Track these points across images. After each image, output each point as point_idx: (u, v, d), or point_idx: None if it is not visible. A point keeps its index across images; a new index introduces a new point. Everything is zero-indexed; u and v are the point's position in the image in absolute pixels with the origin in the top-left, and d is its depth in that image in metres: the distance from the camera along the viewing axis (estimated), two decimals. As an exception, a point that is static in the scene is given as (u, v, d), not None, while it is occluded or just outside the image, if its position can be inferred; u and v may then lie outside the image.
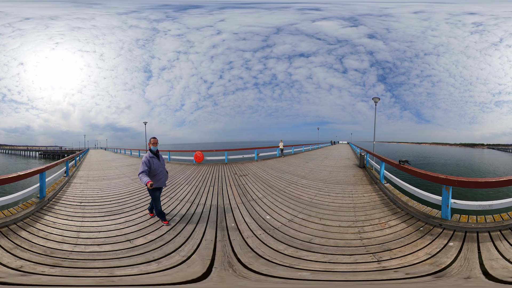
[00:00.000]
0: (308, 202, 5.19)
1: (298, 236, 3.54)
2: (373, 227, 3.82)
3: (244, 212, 4.59)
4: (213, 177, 8.57)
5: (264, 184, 7.09)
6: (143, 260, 2.85)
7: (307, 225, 3.95)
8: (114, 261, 2.83)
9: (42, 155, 58.24)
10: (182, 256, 2.94)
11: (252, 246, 3.20)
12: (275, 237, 3.50)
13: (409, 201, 4.72)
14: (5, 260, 2.75)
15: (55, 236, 3.51)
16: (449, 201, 3.70)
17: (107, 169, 12.25)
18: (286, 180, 7.76)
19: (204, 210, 4.75)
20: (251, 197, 5.65)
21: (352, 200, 5.27)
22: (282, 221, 4.14)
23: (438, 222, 3.64)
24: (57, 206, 5.05)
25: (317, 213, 4.47)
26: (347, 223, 4.00)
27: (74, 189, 6.90)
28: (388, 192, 5.57)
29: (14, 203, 4.65)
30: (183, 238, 3.47)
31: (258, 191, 6.27)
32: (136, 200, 5.52)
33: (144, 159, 4.05)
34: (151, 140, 4.26)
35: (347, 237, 3.49)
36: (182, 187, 6.97)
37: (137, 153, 23.39)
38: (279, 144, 17.86)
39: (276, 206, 4.95)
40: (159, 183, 4.13)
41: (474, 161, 37.20)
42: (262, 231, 3.71)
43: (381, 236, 3.46)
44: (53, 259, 2.84)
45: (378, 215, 4.32)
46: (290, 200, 5.34)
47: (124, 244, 3.27)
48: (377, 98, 13.92)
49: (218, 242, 3.35)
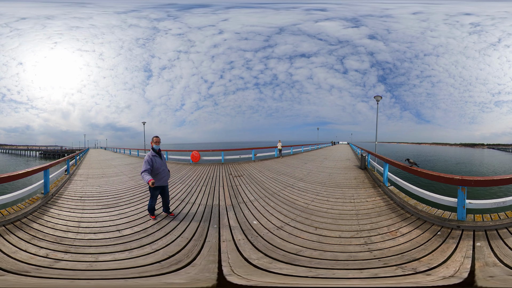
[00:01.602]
0: (303, 208, 5.02)
1: (284, 246, 3.36)
2: (382, 236, 3.60)
3: (231, 214, 4.62)
4: (207, 177, 8.95)
5: (258, 186, 7.11)
6: (122, 248, 3.32)
7: (298, 234, 3.75)
8: (103, 248, 3.34)
9: (42, 154, 59.70)
10: (152, 249, 3.28)
11: (222, 251, 3.20)
12: (255, 244, 3.39)
13: (418, 205, 4.61)
14: (32, 250, 3.21)
15: (61, 226, 4.13)
16: (465, 202, 3.74)
17: (106, 168, 13.03)
18: (282, 182, 7.74)
19: (191, 209, 4.99)
20: (242, 199, 5.67)
21: (354, 206, 5.06)
22: (269, 227, 4.02)
23: (456, 224, 3.65)
24: (60, 200, 5.75)
25: (312, 221, 4.25)
26: (349, 233, 3.77)
27: (75, 186, 7.62)
28: (393, 196, 5.39)
29: (21, 199, 5.27)
30: (163, 233, 3.81)
31: (251, 193, 6.29)
32: (130, 196, 6.16)
33: (146, 158, 4.20)
34: (154, 139, 4.40)
35: (350, 249, 3.26)
36: (176, 185, 7.49)
37: (136, 152, 24.16)
38: (277, 145, 18.00)
39: (266, 211, 4.87)
40: (161, 181, 4.30)
41: (474, 161, 38.16)
42: (243, 237, 3.65)
43: (396, 246, 3.28)
44: (64, 246, 3.39)
45: (385, 222, 4.13)
46: (283, 205, 5.21)
47: (114, 234, 3.82)
48: (379, 97, 13.95)
49: (193, 241, 3.51)
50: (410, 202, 4.81)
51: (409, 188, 5.38)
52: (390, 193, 5.67)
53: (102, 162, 17.08)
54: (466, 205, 3.78)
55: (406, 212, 4.49)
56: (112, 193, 6.65)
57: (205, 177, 8.88)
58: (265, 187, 6.99)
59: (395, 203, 5.08)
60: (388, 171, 6.64)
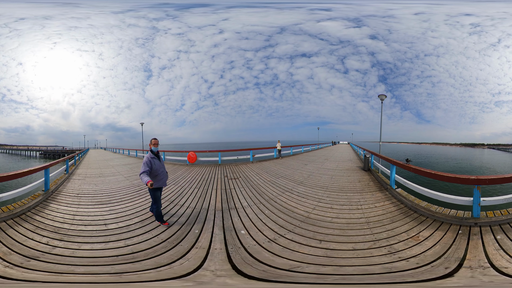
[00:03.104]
0: (303, 217, 4.66)
1: (273, 261, 3.02)
2: (405, 243, 3.50)
3: (218, 220, 4.51)
4: (202, 178, 9.03)
5: (254, 190, 6.90)
6: (102, 240, 3.73)
7: (296, 248, 3.41)
8: (87, 238, 3.82)
9: (42, 154, 61.12)
10: (125, 244, 3.59)
11: (187, 258, 3.12)
12: (232, 256, 3.16)
13: (431, 207, 4.66)
14: (37, 238, 3.77)
15: (59, 218, 4.72)
16: (480, 200, 4.01)
17: (104, 168, 13.72)
18: (280, 186, 7.47)
19: (178, 211, 5.09)
20: (233, 205, 5.50)
21: (363, 213, 4.83)
22: (259, 239, 3.70)
23: (473, 221, 3.91)
24: (59, 196, 6.37)
25: (315, 233, 3.92)
26: (365, 244, 3.51)
27: (73, 184, 8.26)
28: (404, 199, 5.34)
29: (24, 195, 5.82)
30: (143, 231, 4.05)
31: (245, 198, 6.10)
32: (122, 195, 6.71)
33: (145, 160, 4.34)
34: (152, 141, 4.53)
35: (375, 260, 3.03)
36: (169, 187, 7.63)
37: (134, 153, 24.83)
38: (276, 145, 18.05)
39: (259, 219, 4.59)
40: (159, 183, 4.43)
41: (475, 161, 39.25)
42: (221, 246, 3.46)
43: (428, 250, 3.25)
44: (59, 235, 3.96)
45: (402, 228, 4.05)
46: (280, 214, 4.89)
47: (101, 227, 4.28)
48: (383, 95, 13.24)
49: (165, 242, 3.61)
50: (421, 205, 4.83)
51: (419, 190, 5.31)
52: (399, 196, 5.58)
53: (100, 162, 17.79)
54: (481, 203, 4.05)
55: (420, 215, 4.50)
56: (107, 191, 7.23)
57: (200, 179, 9.01)
58: (261, 192, 6.73)
59: (406, 207, 5.03)
60: (395, 174, 6.61)
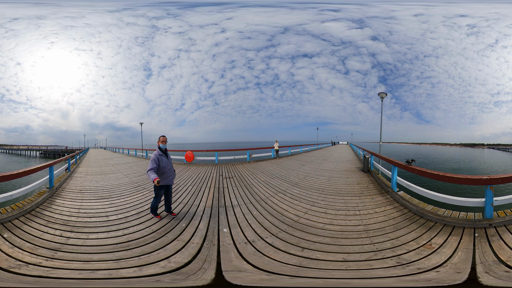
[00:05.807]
0: (292, 221, 4.57)
1: (234, 265, 3.02)
2: (417, 253, 3.23)
3: (206, 217, 4.80)
4: (197, 177, 9.65)
5: (246, 190, 7.12)
6: (105, 230, 4.37)
7: (270, 254, 3.28)
8: (93, 229, 4.44)
9: (42, 154, 63.09)
10: (123, 233, 4.16)
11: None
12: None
13: (438, 210, 4.54)
14: (51, 232, 4.20)
15: (66, 212, 5.53)
16: (493, 200, 4.01)
17: (104, 166, 14.82)
18: (273, 187, 7.64)
19: (171, 206, 5.22)
20: (223, 203, 5.77)
21: (361, 220, 4.58)
22: (237, 240, 3.74)
23: (487, 222, 3.90)
24: (64, 193, 7.30)
25: (300, 240, 3.71)
26: (362, 254, 3.24)
27: (75, 181, 9.24)
28: (407, 203, 5.17)
29: (30, 193, 6.69)
30: (138, 222, 4.66)
31: (236, 197, 6.34)
32: (122, 190, 7.62)
33: (153, 157, 4.54)
34: (161, 138, 4.75)
35: (379, 273, 2.78)
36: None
37: (134, 152, 25.94)
38: (274, 145, 18.61)
39: (245, 219, 4.70)
40: (166, 180, 4.65)
41: (475, 161, 40.88)
42: (199, 242, 3.69)
43: (450, 258, 3.08)
44: (69, 227, 4.63)
45: (408, 236, 3.78)
46: (268, 215, 4.89)
47: (103, 218, 5.00)
48: (383, 94, 13.43)
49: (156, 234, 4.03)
50: (427, 209, 4.69)
51: (424, 193, 5.21)
52: (402, 200, 5.42)
53: (101, 161, 18.91)
54: (494, 203, 4.07)
55: (428, 221, 4.32)
56: (107, 187, 8.18)
57: (195, 177, 9.64)
58: (254, 192, 6.92)
59: (411, 212, 4.84)
60: (397, 175, 6.49)
